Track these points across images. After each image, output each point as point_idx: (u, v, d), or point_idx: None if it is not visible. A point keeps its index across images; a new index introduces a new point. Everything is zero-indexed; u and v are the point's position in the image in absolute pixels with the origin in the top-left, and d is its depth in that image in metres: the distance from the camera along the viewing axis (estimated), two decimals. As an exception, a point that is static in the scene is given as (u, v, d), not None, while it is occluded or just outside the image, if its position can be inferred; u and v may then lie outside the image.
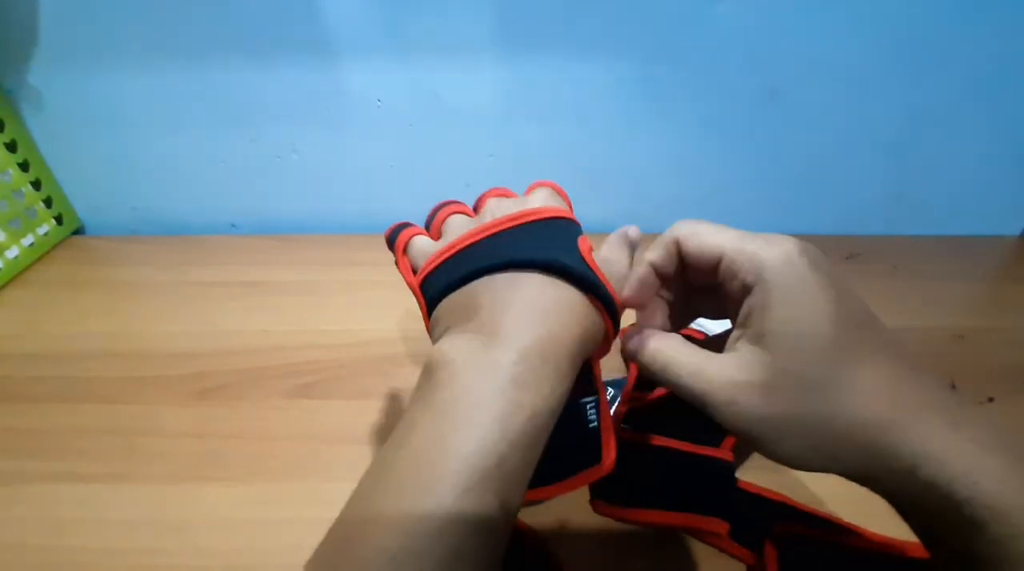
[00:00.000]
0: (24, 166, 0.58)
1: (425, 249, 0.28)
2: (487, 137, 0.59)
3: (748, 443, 0.21)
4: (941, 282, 0.57)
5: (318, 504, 0.20)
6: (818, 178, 0.62)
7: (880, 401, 0.20)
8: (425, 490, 0.19)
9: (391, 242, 0.30)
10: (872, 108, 0.57)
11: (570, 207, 0.30)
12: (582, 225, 0.28)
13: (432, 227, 0.30)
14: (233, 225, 0.66)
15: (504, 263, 0.24)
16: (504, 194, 0.30)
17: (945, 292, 0.55)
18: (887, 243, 0.63)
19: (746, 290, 0.22)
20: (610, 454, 0.25)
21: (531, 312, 0.23)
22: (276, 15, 0.52)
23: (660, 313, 0.26)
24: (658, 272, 0.25)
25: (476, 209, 0.30)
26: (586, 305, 0.24)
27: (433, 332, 0.26)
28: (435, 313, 0.26)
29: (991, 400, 0.42)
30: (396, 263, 0.29)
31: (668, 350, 0.23)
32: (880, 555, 0.30)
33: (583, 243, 0.26)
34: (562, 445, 0.23)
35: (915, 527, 0.21)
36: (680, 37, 0.53)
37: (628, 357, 0.25)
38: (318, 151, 0.61)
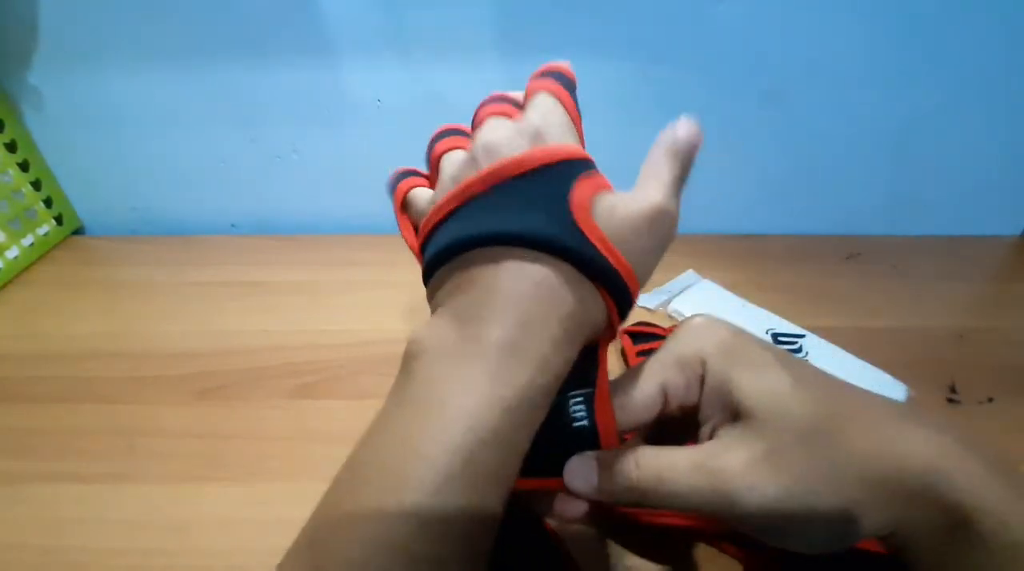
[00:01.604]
0: (24, 166, 0.58)
1: (422, 206, 0.26)
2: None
3: (776, 531, 0.19)
4: (941, 282, 0.57)
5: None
6: (818, 178, 0.62)
7: (880, 426, 0.19)
8: (391, 493, 0.17)
9: (391, 194, 0.27)
10: (872, 108, 0.57)
11: (575, 109, 0.26)
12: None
13: (431, 167, 0.27)
14: (233, 225, 0.66)
15: (485, 236, 0.21)
16: (502, 111, 0.25)
17: (945, 292, 0.55)
18: (887, 243, 0.63)
19: (701, 386, 0.21)
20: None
21: (507, 296, 0.20)
22: (276, 15, 0.52)
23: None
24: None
25: (474, 126, 0.26)
26: (575, 281, 0.21)
27: (430, 305, 0.24)
28: (431, 285, 0.24)
29: (991, 400, 0.42)
30: (397, 222, 0.27)
31: (653, 460, 0.21)
32: (880, 555, 0.30)
33: (580, 193, 0.22)
34: (540, 441, 0.20)
35: (919, 558, 0.20)
36: (680, 37, 0.53)
37: (604, 486, 0.21)
38: (318, 151, 0.61)
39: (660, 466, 0.20)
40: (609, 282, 0.21)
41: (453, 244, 0.22)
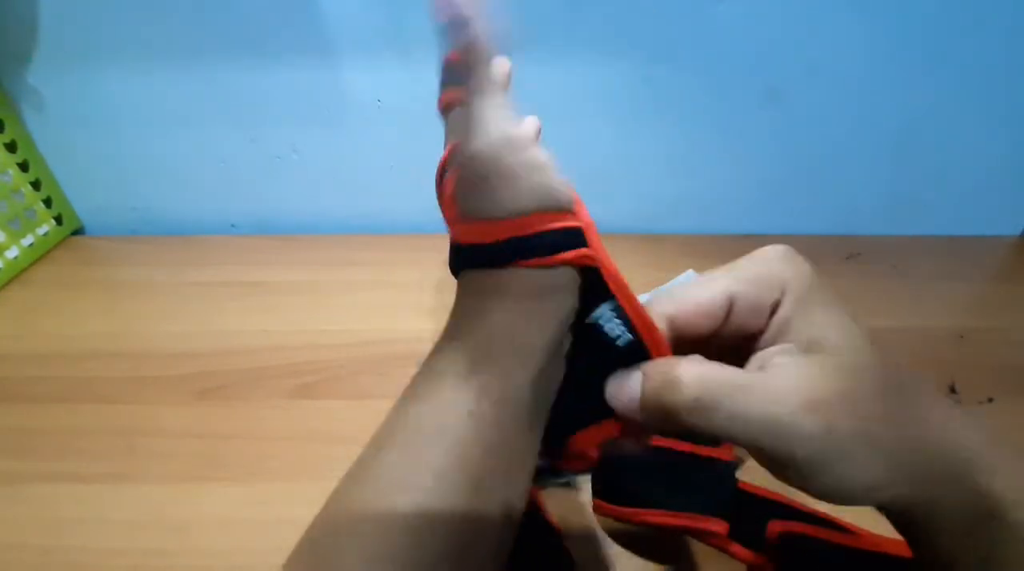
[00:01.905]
0: (24, 166, 0.58)
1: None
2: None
3: (812, 474, 0.18)
4: (941, 282, 0.57)
5: (318, 504, 0.20)
6: (818, 178, 0.62)
7: (932, 403, 0.19)
8: (387, 498, 0.18)
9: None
10: (872, 108, 0.57)
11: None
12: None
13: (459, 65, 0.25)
14: (233, 225, 0.66)
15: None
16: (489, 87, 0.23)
17: (945, 292, 0.55)
18: (887, 243, 0.63)
19: (772, 310, 0.20)
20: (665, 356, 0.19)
21: (470, 302, 0.22)
22: (276, 15, 0.52)
23: None
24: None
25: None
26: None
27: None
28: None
29: (991, 400, 0.42)
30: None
31: (718, 375, 0.18)
32: (880, 555, 0.30)
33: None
34: (592, 381, 0.20)
35: (941, 543, 0.19)
36: (681, 37, 0.53)
37: (649, 400, 0.19)
38: (318, 151, 0.61)
39: (715, 381, 0.18)
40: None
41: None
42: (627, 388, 0.19)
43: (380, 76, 0.56)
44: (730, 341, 0.20)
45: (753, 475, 0.35)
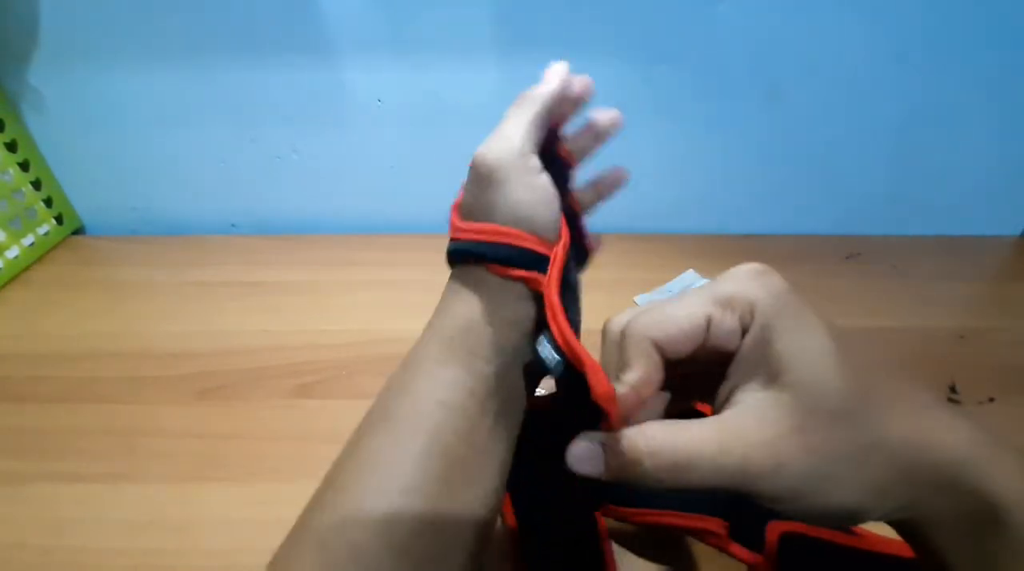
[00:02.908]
0: (24, 166, 0.58)
1: None
2: (487, 137, 0.59)
3: (790, 504, 0.18)
4: (941, 282, 0.57)
5: (318, 504, 0.20)
6: (818, 178, 0.62)
7: (913, 410, 0.19)
8: (372, 493, 0.20)
9: None
10: (872, 108, 0.57)
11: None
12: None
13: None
14: (233, 225, 0.66)
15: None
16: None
17: (945, 292, 0.55)
18: (887, 243, 0.63)
19: (744, 332, 0.20)
20: (601, 382, 0.18)
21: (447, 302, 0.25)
22: (276, 15, 0.52)
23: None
24: (644, 390, 0.20)
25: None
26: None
27: None
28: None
29: (991, 400, 0.42)
30: None
31: (670, 442, 0.19)
32: (880, 555, 0.30)
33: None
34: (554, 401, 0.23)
35: (942, 546, 0.19)
36: (681, 37, 0.53)
37: (595, 475, 0.19)
38: (318, 151, 0.61)
39: (677, 449, 0.18)
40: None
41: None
42: (589, 462, 0.19)
43: (380, 76, 0.56)
44: (707, 358, 0.21)
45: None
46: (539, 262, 0.23)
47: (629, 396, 0.19)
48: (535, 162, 0.25)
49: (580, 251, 0.29)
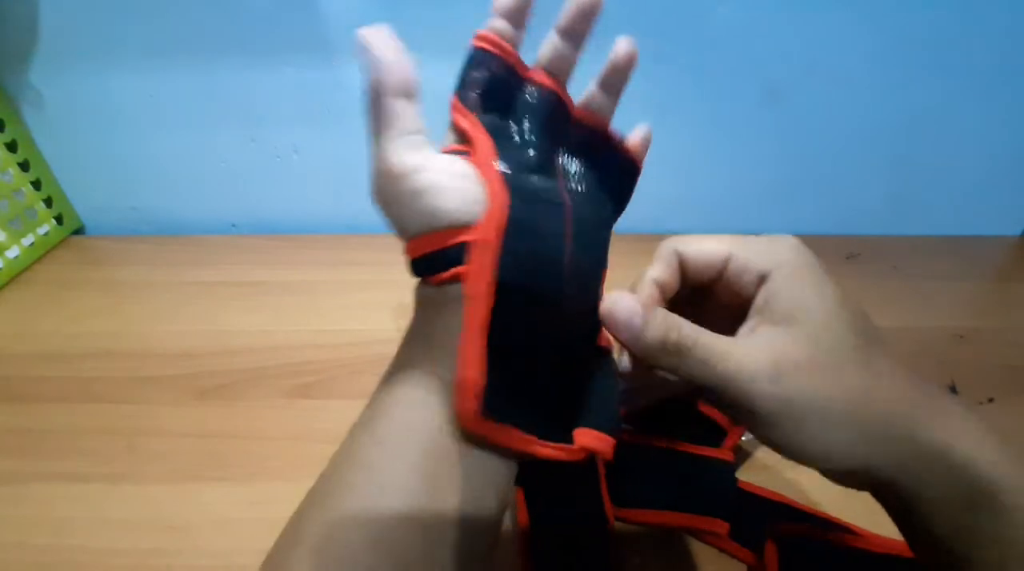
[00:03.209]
0: (24, 166, 0.58)
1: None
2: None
3: (770, 431, 0.20)
4: (941, 282, 0.57)
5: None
6: (818, 178, 0.62)
7: (908, 387, 0.20)
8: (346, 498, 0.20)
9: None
10: (872, 108, 0.57)
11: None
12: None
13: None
14: (233, 225, 0.66)
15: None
16: None
17: (945, 292, 0.55)
18: (887, 243, 0.63)
19: (761, 280, 0.22)
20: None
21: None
22: (276, 15, 0.52)
23: None
24: (662, 290, 0.23)
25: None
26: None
27: None
28: None
29: (991, 400, 0.42)
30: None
31: (688, 327, 0.20)
32: (880, 555, 0.30)
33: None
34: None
35: (932, 522, 0.20)
36: (680, 37, 0.53)
37: (625, 333, 0.21)
38: (318, 151, 0.61)
39: (700, 333, 0.20)
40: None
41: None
42: (626, 319, 0.21)
43: (380, 76, 0.56)
44: (724, 301, 0.23)
45: (753, 475, 0.35)
46: (460, 254, 0.21)
47: (646, 287, 0.22)
48: (409, 162, 0.23)
49: (625, 167, 0.29)
